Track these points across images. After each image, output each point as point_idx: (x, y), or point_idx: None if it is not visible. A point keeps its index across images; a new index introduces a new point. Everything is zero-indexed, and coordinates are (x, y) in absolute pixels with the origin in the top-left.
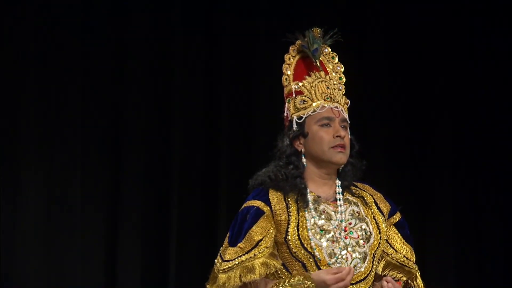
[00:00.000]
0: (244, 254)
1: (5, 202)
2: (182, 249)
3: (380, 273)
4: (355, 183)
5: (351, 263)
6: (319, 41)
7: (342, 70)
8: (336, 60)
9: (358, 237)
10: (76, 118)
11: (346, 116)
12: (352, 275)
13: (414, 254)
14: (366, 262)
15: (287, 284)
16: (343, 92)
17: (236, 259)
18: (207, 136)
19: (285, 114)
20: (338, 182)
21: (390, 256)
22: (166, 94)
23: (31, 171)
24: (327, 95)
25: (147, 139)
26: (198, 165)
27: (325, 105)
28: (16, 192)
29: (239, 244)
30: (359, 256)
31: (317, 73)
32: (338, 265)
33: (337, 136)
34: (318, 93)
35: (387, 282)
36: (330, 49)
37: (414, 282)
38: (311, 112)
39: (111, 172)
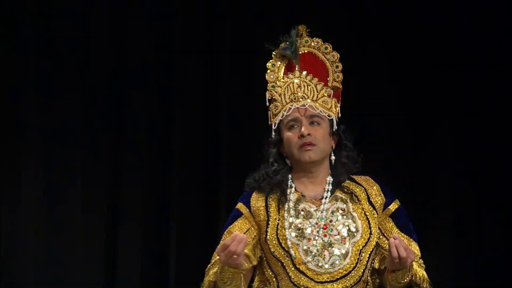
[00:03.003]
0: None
1: (5, 202)
2: (182, 249)
3: (377, 268)
4: (354, 176)
5: (328, 260)
6: (293, 39)
7: (338, 58)
8: (330, 49)
9: (339, 234)
10: (76, 118)
11: (318, 110)
12: (240, 242)
13: (412, 241)
14: (347, 259)
15: (218, 273)
16: (341, 79)
17: (213, 259)
18: (207, 137)
19: (269, 121)
20: (330, 179)
21: (383, 248)
22: (167, 95)
23: (31, 171)
24: (294, 96)
25: (147, 139)
26: (198, 165)
27: (291, 106)
28: (16, 192)
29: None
30: (338, 253)
31: (290, 74)
32: (315, 263)
33: (301, 136)
34: (287, 96)
35: (394, 239)
36: (321, 41)
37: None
38: (281, 117)
39: (111, 172)
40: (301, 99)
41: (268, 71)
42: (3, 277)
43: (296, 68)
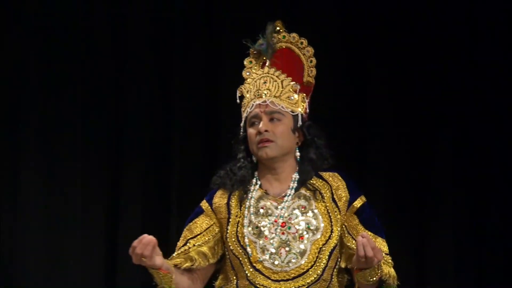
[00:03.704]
0: (177, 250)
1: (5, 202)
2: None
3: (344, 267)
4: (322, 173)
5: (285, 259)
6: (267, 36)
7: (312, 52)
8: (305, 44)
9: (297, 232)
10: (76, 117)
11: (279, 106)
12: (147, 245)
13: (377, 238)
14: (305, 257)
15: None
16: (314, 74)
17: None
18: (208, 136)
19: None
20: (296, 176)
21: (348, 246)
22: (166, 94)
23: (31, 170)
24: (258, 92)
25: (147, 139)
26: (198, 164)
27: (254, 103)
28: (16, 192)
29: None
30: (295, 251)
31: (260, 70)
32: (271, 261)
33: (258, 133)
34: (252, 92)
35: (363, 237)
36: (298, 36)
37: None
38: (246, 114)
39: (111, 171)
40: (263, 95)
41: (245, 68)
42: (3, 276)
43: (267, 64)
